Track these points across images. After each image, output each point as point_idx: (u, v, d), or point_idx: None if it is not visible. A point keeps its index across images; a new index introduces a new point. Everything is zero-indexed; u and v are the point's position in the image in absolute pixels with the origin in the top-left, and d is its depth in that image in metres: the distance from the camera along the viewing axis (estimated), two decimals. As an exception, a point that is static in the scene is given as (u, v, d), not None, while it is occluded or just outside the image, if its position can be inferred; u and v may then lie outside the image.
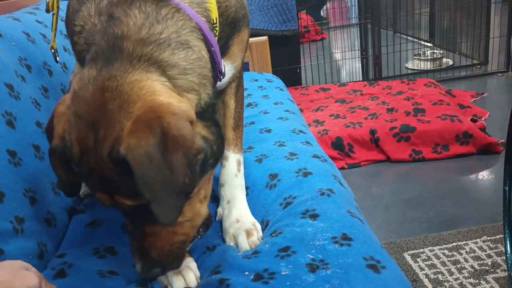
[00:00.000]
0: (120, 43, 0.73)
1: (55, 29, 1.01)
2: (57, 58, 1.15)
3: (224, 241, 1.00)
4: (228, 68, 0.97)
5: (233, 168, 1.06)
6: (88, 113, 0.70)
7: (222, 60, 0.93)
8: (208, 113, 0.78)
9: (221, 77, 0.88)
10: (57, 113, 0.75)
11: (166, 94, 0.71)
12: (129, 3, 0.77)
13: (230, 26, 0.93)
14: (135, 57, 0.72)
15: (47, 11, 0.99)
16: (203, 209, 0.82)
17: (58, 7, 0.97)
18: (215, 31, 0.87)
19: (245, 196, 1.07)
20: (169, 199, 0.67)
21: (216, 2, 0.87)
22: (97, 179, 0.72)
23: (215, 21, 0.86)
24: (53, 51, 1.11)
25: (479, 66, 3.84)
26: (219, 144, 0.79)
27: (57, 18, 1.00)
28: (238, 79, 1.06)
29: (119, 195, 0.72)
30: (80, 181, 0.83)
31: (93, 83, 0.71)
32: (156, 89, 0.70)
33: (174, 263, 0.81)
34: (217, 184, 1.09)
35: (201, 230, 0.85)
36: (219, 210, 1.07)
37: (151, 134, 0.65)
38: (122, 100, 0.69)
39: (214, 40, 0.84)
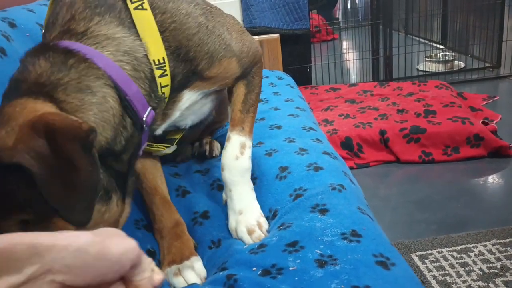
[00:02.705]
0: (19, 85, 0.75)
1: None
2: None
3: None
4: (198, 95, 0.96)
5: (234, 150, 0.97)
6: None
7: (186, 90, 0.92)
8: (108, 161, 0.76)
9: (145, 126, 0.83)
10: None
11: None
12: (39, 52, 0.78)
13: (186, 64, 0.90)
14: (26, 92, 0.73)
15: None
16: None
17: None
18: (163, 71, 0.85)
19: (249, 183, 1.00)
20: (78, 196, 0.64)
21: (164, 42, 0.85)
22: None
23: (162, 61, 0.85)
24: None
25: (491, 69, 3.81)
26: (111, 182, 0.76)
27: None
28: (248, 73, 1.02)
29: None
30: None
31: None
32: (38, 107, 0.70)
33: None
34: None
35: None
36: (224, 195, 1.04)
37: (37, 135, 0.64)
38: (2, 121, 0.68)
39: (132, 89, 0.80)
